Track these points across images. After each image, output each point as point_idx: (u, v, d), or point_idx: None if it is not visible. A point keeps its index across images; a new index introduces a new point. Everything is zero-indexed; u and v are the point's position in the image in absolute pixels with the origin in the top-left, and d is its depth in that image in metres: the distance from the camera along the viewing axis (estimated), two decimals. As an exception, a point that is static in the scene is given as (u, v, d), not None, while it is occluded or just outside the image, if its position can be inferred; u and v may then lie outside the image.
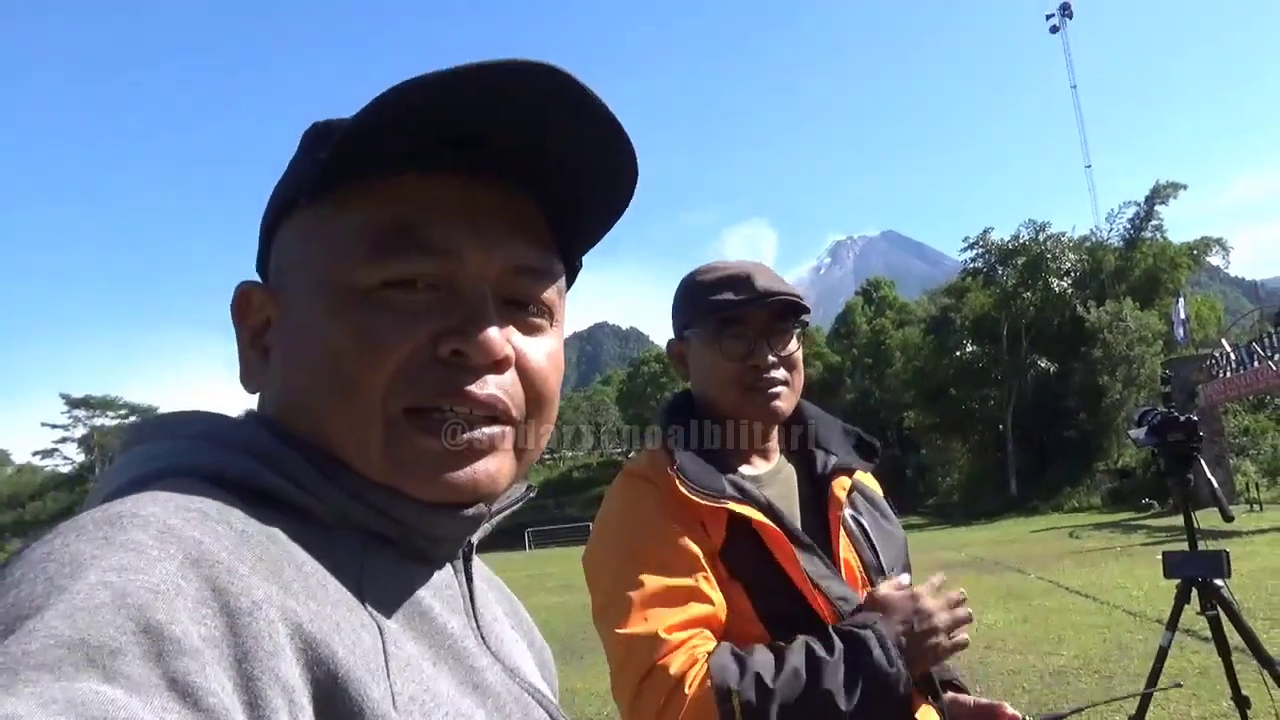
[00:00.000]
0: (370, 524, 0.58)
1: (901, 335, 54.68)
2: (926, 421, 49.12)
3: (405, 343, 0.57)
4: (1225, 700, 5.04)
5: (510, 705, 0.60)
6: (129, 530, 0.44)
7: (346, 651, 0.48)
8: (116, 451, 0.59)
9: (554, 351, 0.64)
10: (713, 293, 1.44)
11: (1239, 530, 14.61)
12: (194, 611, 0.42)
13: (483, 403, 0.58)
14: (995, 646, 7.79)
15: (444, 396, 0.57)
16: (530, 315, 0.63)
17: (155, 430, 0.59)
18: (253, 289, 0.64)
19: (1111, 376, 37.28)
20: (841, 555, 1.41)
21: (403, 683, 0.52)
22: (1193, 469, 3.56)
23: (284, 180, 0.64)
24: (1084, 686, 6.07)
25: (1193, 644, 6.45)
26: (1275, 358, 22.05)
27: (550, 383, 0.64)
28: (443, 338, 0.57)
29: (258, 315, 0.63)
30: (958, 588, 1.44)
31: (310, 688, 0.45)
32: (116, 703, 0.36)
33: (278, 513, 0.54)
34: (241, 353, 0.64)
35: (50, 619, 0.38)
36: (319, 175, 0.57)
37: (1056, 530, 23.73)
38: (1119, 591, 10.28)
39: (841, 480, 1.48)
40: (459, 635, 0.60)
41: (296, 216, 0.61)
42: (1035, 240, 46.02)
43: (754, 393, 1.42)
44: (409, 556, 0.60)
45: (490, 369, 0.59)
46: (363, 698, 0.47)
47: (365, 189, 0.59)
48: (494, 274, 0.60)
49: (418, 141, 0.57)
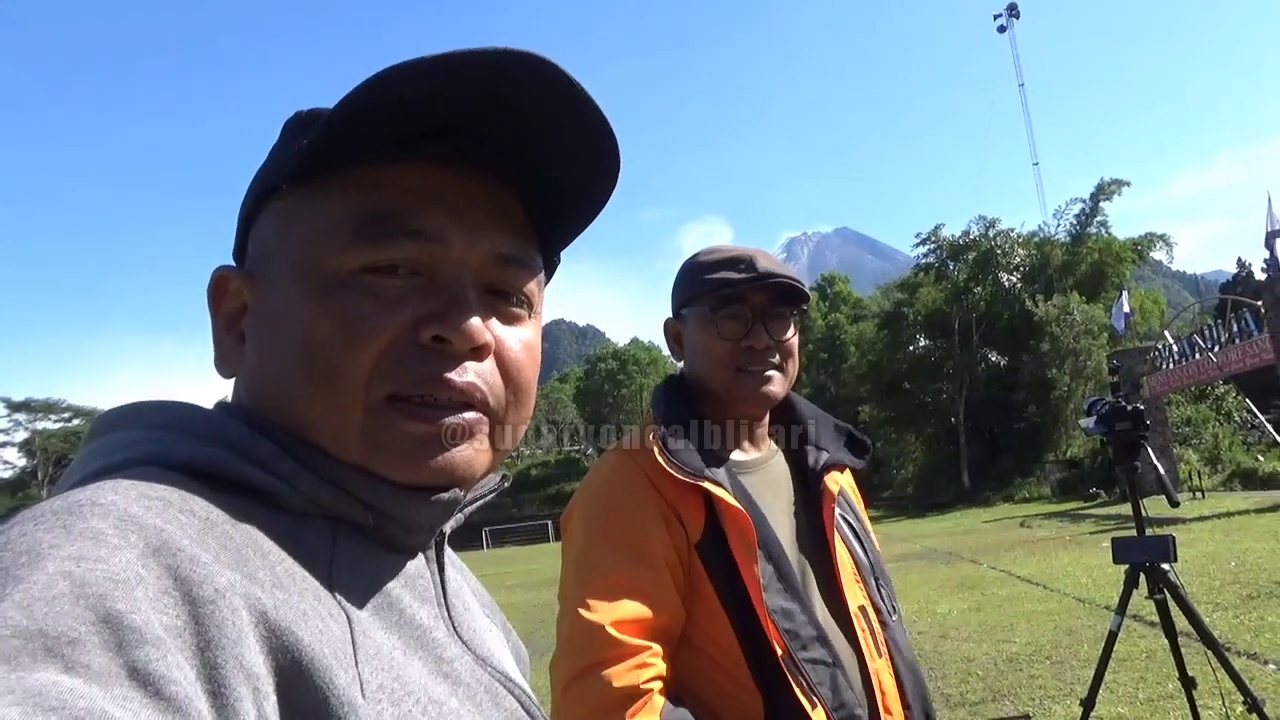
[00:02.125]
0: (342, 510, 0.57)
1: (856, 330, 55.46)
2: (881, 415, 49.72)
3: (387, 329, 0.56)
4: (1170, 683, 5.19)
5: (480, 694, 0.60)
6: (88, 518, 0.43)
7: (313, 639, 0.47)
8: (83, 442, 0.58)
9: (532, 342, 0.64)
10: (714, 272, 1.42)
11: (1182, 517, 15.02)
12: (155, 600, 0.41)
13: (462, 390, 0.58)
14: (950, 635, 7.91)
15: (425, 384, 0.57)
16: (510, 305, 0.63)
17: (123, 420, 0.57)
18: (229, 273, 0.63)
19: (1059, 369, 38.11)
20: (838, 552, 1.40)
21: (371, 671, 0.51)
22: (1140, 457, 3.65)
23: (265, 167, 0.63)
24: (1036, 672, 6.18)
25: (1139, 629, 6.62)
26: (1215, 350, 22.70)
27: (527, 372, 0.63)
28: (423, 323, 0.57)
29: (234, 300, 0.62)
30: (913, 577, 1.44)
31: (275, 675, 0.45)
32: (76, 692, 0.35)
33: (246, 501, 0.53)
34: (217, 338, 0.63)
35: (7, 610, 0.37)
36: (301, 161, 0.57)
37: (1008, 521, 24.20)
38: (1068, 579, 10.50)
39: (834, 475, 1.48)
40: (429, 625, 0.60)
41: (277, 202, 0.61)
42: (985, 236, 46.88)
43: (746, 374, 1.40)
44: (381, 545, 0.60)
45: (470, 356, 0.59)
46: (329, 685, 0.46)
47: (348, 176, 0.58)
48: (476, 261, 0.60)
49: (401, 129, 0.57)
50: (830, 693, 1.24)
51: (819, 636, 1.28)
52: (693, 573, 1.30)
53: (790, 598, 1.29)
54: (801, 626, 1.28)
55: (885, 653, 1.37)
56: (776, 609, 1.27)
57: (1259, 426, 29.07)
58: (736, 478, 1.37)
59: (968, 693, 5.89)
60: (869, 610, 1.40)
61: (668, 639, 1.26)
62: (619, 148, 0.62)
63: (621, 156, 0.63)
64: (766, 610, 1.26)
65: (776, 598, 1.28)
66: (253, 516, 0.52)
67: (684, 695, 1.26)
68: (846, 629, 1.35)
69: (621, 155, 0.63)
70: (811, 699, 1.22)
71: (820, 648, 1.27)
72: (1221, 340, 22.62)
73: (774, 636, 1.25)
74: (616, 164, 0.64)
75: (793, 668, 1.24)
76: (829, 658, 1.27)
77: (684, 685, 1.27)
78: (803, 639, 1.27)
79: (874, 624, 1.39)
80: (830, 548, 1.40)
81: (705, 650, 1.29)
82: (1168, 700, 5.07)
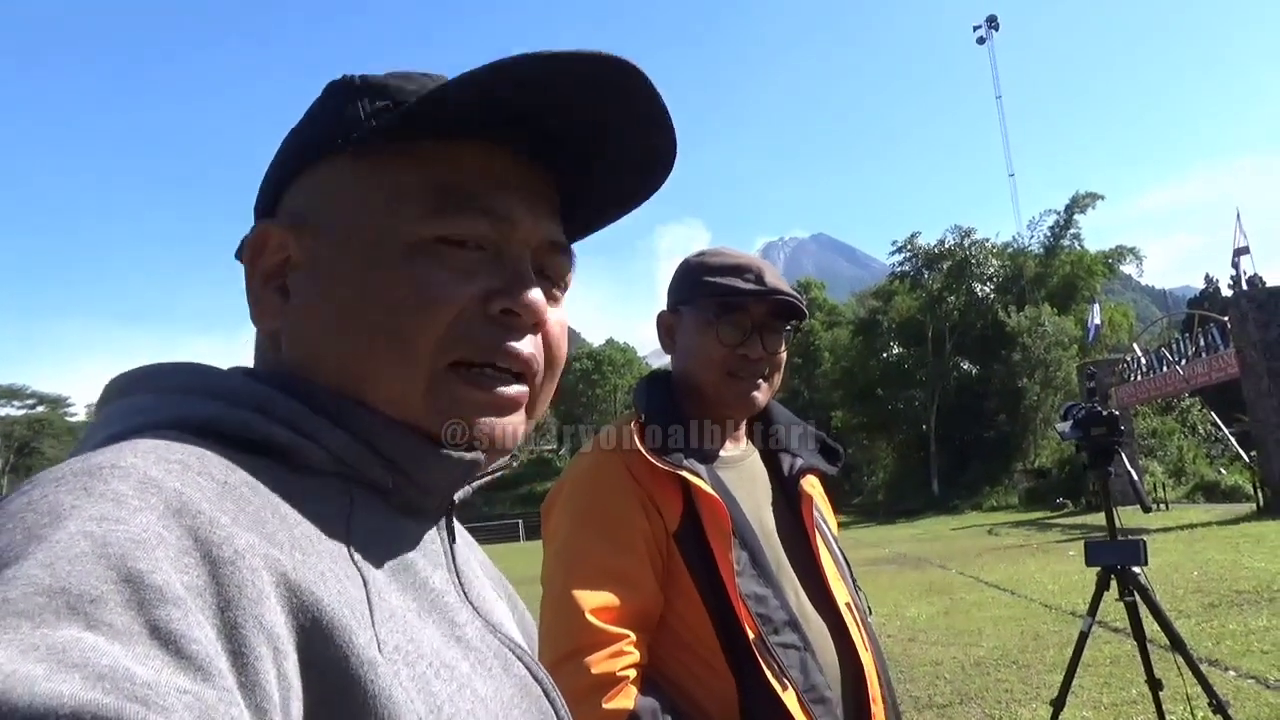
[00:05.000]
0: (364, 469, 0.58)
1: (830, 336, 55.62)
2: (853, 421, 50.01)
3: (460, 298, 0.59)
4: (1134, 687, 5.27)
5: (490, 658, 0.61)
6: (109, 481, 0.43)
7: (332, 599, 0.47)
8: (97, 406, 0.58)
9: (566, 323, 0.69)
10: (721, 276, 1.46)
11: (1145, 528, 15.24)
12: (176, 560, 0.41)
13: (526, 360, 0.62)
14: (918, 639, 7.98)
15: (493, 353, 0.60)
16: (554, 288, 0.67)
17: (139, 384, 0.57)
18: (273, 228, 0.63)
19: (1030, 379, 38.51)
20: (820, 554, 1.43)
21: (387, 632, 0.52)
22: (1114, 462, 3.69)
23: (311, 127, 0.64)
24: (1003, 676, 6.25)
25: (1104, 634, 6.71)
26: (1182, 363, 23.06)
27: (563, 349, 0.67)
28: (493, 296, 0.60)
29: (276, 255, 0.63)
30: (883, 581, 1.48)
31: (295, 635, 0.45)
32: (98, 649, 0.35)
33: (265, 462, 0.53)
34: (253, 292, 0.63)
35: (30, 568, 0.38)
36: (387, 128, 0.59)
37: (976, 528, 24.44)
38: (1035, 585, 10.62)
39: (810, 479, 1.51)
40: (441, 589, 0.61)
41: (330, 163, 0.62)
42: (960, 246, 47.18)
43: (736, 380, 1.44)
44: (397, 509, 0.61)
45: (531, 329, 0.63)
46: (349, 644, 0.47)
47: (417, 148, 0.61)
48: (535, 244, 0.64)
49: (493, 115, 0.60)
50: (801, 675, 1.27)
51: (790, 621, 1.31)
52: (670, 562, 1.33)
53: (763, 583, 1.32)
54: (774, 611, 1.30)
55: (869, 647, 1.41)
56: (749, 594, 1.30)
57: (1223, 440, 29.57)
58: (715, 471, 1.40)
59: (935, 695, 5.94)
60: (853, 607, 1.43)
61: (647, 624, 1.29)
62: (672, 166, 0.67)
63: (669, 175, 0.68)
64: (739, 594, 1.29)
65: (750, 583, 1.31)
66: (271, 478, 0.52)
67: (660, 680, 1.28)
68: (835, 623, 1.38)
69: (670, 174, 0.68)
70: (783, 681, 1.25)
71: (791, 632, 1.30)
72: (1189, 354, 22.98)
73: (746, 620, 1.28)
74: (661, 183, 0.69)
75: (764, 651, 1.26)
76: (800, 642, 1.30)
77: (660, 670, 1.30)
78: (775, 623, 1.29)
79: (860, 620, 1.43)
80: (813, 547, 1.43)
81: (681, 635, 1.32)
82: (1132, 705, 5.13)
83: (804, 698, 1.25)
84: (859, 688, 1.35)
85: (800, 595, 1.37)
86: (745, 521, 1.36)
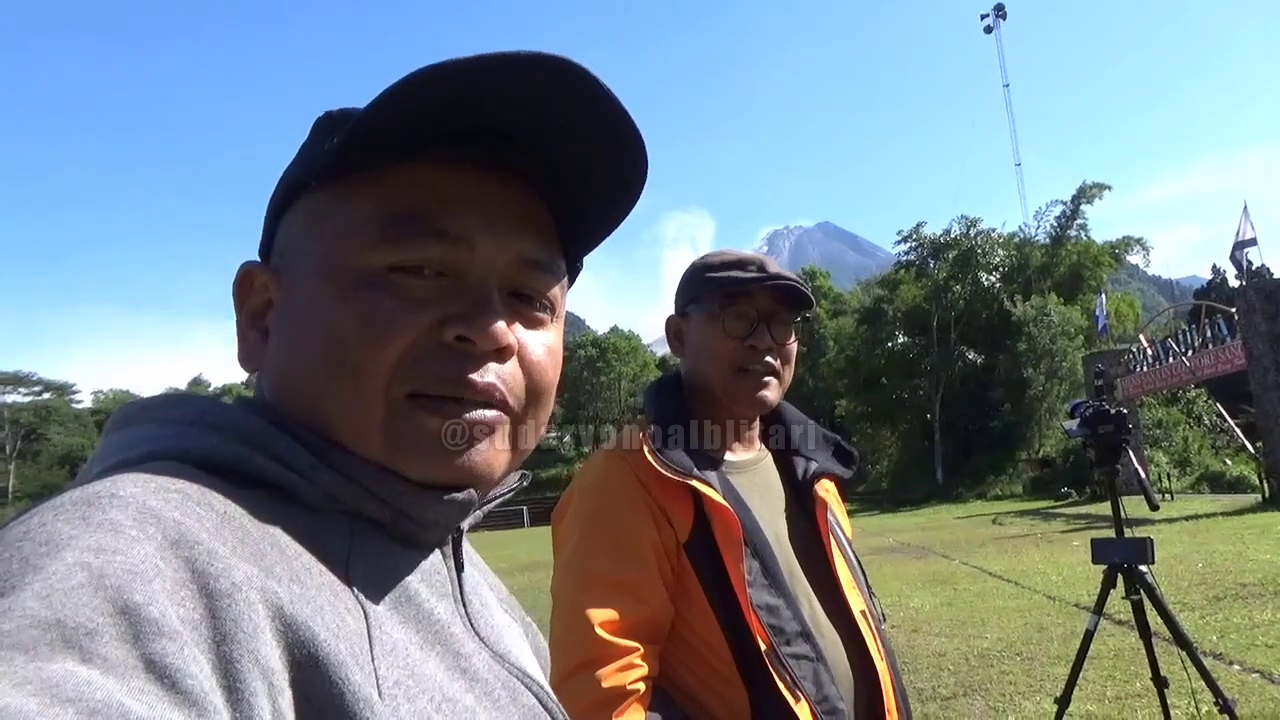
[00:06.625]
0: (360, 506, 0.57)
1: (835, 325, 55.58)
2: (858, 410, 49.91)
3: (411, 327, 0.57)
4: (1139, 681, 5.27)
5: (498, 690, 0.60)
6: (107, 510, 0.43)
7: (329, 634, 0.47)
8: (102, 435, 0.58)
9: (553, 346, 0.65)
10: (721, 270, 1.45)
11: (1150, 519, 15.22)
12: (173, 593, 0.41)
13: (482, 390, 0.58)
14: (922, 630, 7.99)
15: (447, 384, 0.57)
16: (534, 309, 0.64)
17: (141, 414, 0.57)
18: (256, 270, 0.63)
19: (1035, 369, 38.39)
20: (835, 561, 1.42)
21: (387, 667, 0.51)
22: (1121, 459, 3.68)
23: (294, 165, 0.64)
24: (1007, 668, 6.25)
25: (1108, 628, 6.71)
26: (1189, 354, 23.00)
27: (549, 375, 0.64)
28: (448, 323, 0.58)
29: (259, 296, 0.63)
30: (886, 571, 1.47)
31: (290, 670, 0.45)
32: (93, 684, 0.35)
33: (264, 496, 0.53)
34: (241, 333, 0.63)
35: (25, 599, 0.37)
36: (331, 160, 0.58)
37: (980, 517, 24.42)
38: (1039, 576, 10.61)
39: (824, 483, 1.50)
40: (446, 621, 0.60)
41: (305, 200, 0.61)
42: (966, 235, 47.03)
43: (745, 375, 1.42)
44: (398, 541, 0.60)
45: (493, 357, 0.59)
46: (344, 681, 0.46)
47: (377, 175, 0.59)
48: (502, 265, 0.61)
49: (432, 130, 0.57)
50: (814, 687, 1.26)
51: (803, 632, 1.29)
52: (681, 572, 1.32)
53: (775, 594, 1.31)
54: (786, 622, 1.29)
55: (883, 656, 1.40)
56: (761, 604, 1.28)
57: (1228, 431, 29.47)
58: (726, 477, 1.39)
59: (939, 687, 5.95)
60: (868, 615, 1.42)
61: (656, 636, 1.28)
62: (647, 157, 0.63)
63: (649, 165, 0.64)
64: (751, 605, 1.27)
65: (761, 593, 1.29)
66: (271, 511, 0.52)
67: (672, 691, 1.28)
68: (849, 632, 1.37)
69: (649, 164, 0.63)
70: (795, 693, 1.24)
71: (804, 643, 1.29)
72: (1195, 345, 22.92)
73: (758, 631, 1.26)
74: (644, 173, 0.64)
75: (776, 662, 1.25)
76: (812, 653, 1.29)
77: (672, 681, 1.29)
78: (787, 634, 1.28)
79: (874, 628, 1.42)
80: (828, 554, 1.42)
81: (693, 646, 1.31)
82: (1136, 699, 5.14)
83: (817, 709, 1.24)
84: (873, 698, 1.34)
85: (814, 604, 1.36)
86: (757, 529, 1.35)
